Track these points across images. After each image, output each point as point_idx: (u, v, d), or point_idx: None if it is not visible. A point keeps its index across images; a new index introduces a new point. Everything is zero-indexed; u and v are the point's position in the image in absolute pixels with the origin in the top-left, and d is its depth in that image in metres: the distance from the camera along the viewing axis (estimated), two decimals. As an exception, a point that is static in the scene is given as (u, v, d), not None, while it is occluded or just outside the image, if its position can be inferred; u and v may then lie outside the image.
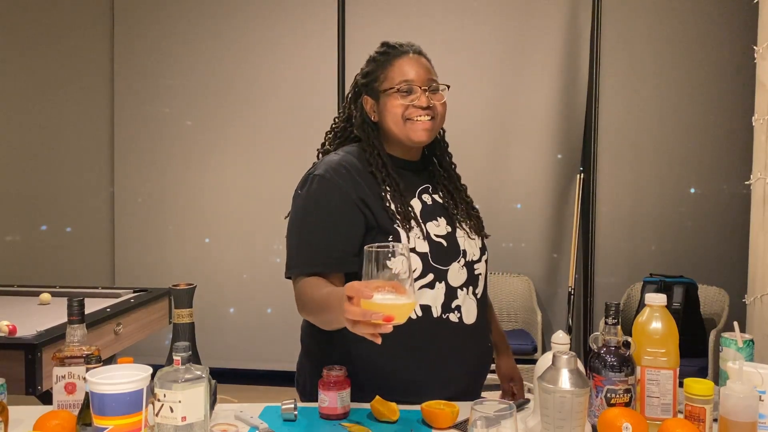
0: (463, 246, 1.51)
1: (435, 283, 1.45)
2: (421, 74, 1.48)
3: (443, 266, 1.46)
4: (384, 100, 1.49)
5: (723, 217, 3.98)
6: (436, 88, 1.50)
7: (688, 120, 4.05)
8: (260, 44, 4.37)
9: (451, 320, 1.47)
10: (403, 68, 1.48)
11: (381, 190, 1.47)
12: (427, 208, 1.52)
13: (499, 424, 1.02)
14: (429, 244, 1.45)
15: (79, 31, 4.51)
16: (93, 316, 2.53)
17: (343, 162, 1.48)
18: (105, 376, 1.11)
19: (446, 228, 1.51)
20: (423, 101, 1.47)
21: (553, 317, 4.21)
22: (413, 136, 1.48)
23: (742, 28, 3.39)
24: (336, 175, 1.45)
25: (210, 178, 4.46)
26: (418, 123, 1.47)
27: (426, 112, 1.48)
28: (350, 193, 1.44)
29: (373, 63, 1.54)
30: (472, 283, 1.52)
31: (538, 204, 4.21)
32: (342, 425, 1.34)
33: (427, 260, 1.44)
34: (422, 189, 1.55)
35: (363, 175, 1.48)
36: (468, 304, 1.50)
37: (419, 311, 1.44)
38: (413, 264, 1.42)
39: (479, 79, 4.19)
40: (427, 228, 1.48)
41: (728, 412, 1.19)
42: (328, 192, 1.44)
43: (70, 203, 4.57)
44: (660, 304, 1.33)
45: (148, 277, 4.25)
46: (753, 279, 2.27)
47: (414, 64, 1.49)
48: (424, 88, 1.48)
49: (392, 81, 1.48)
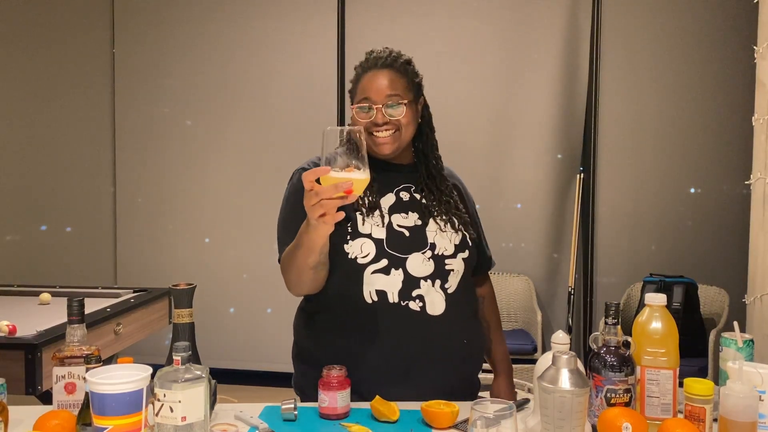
0: (432, 239, 1.56)
1: (390, 269, 1.51)
2: (381, 91, 1.53)
3: (401, 254, 1.52)
4: (353, 114, 1.58)
5: (723, 217, 3.98)
6: (394, 104, 1.53)
7: (688, 120, 4.05)
8: (260, 44, 4.38)
9: (411, 308, 1.50)
10: (365, 85, 1.55)
11: None
12: (400, 202, 1.59)
13: (499, 424, 1.03)
14: (387, 232, 1.53)
15: (79, 31, 4.51)
16: (93, 316, 2.53)
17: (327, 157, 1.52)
18: (105, 376, 1.11)
19: (416, 221, 1.57)
20: (378, 118, 1.53)
21: (553, 317, 4.21)
22: (375, 149, 1.55)
23: (742, 28, 3.39)
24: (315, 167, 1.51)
25: (210, 178, 4.46)
26: (377, 138, 1.54)
27: (384, 127, 1.53)
28: None
29: (354, 73, 1.62)
30: (440, 277, 1.54)
31: (538, 204, 4.21)
32: (342, 425, 1.34)
33: (382, 246, 1.52)
34: (403, 187, 1.62)
35: None
36: (433, 296, 1.52)
37: (375, 296, 1.50)
38: (366, 248, 1.51)
39: (479, 79, 4.20)
40: (392, 218, 1.56)
41: (728, 412, 1.19)
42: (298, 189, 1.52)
43: (70, 203, 4.57)
44: (660, 304, 1.33)
45: (148, 277, 4.25)
46: (753, 279, 2.27)
47: (376, 80, 1.54)
48: (378, 106, 1.52)
49: (357, 96, 1.57)
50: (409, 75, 1.58)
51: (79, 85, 4.52)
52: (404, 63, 1.59)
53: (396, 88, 1.54)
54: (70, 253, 4.54)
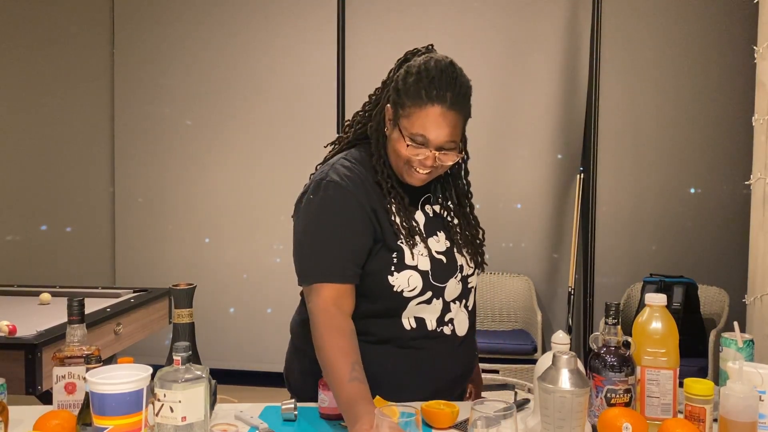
0: (460, 262, 1.51)
1: (432, 299, 1.45)
2: (441, 137, 1.37)
3: (441, 284, 1.46)
4: (397, 133, 1.40)
5: (723, 217, 3.98)
6: (448, 150, 1.40)
7: (688, 120, 4.06)
8: (260, 44, 4.38)
9: (445, 333, 1.48)
10: (426, 122, 1.36)
11: (387, 202, 1.44)
12: (429, 221, 1.50)
13: (499, 424, 1.03)
14: (431, 262, 1.44)
15: (79, 31, 4.51)
16: (93, 316, 2.52)
17: (355, 170, 1.45)
18: (105, 376, 1.11)
19: (445, 243, 1.50)
20: (428, 162, 1.39)
21: (553, 317, 4.21)
22: (407, 179, 1.44)
23: (742, 28, 3.40)
24: (350, 182, 1.42)
25: (210, 178, 4.46)
26: (417, 174, 1.42)
27: (428, 168, 1.41)
28: (364, 203, 1.41)
29: (412, 88, 1.38)
30: (465, 296, 1.52)
31: (538, 204, 4.21)
32: (342, 425, 1.34)
33: (428, 278, 1.43)
34: (424, 200, 1.52)
35: (371, 185, 1.45)
36: (460, 317, 1.51)
37: (413, 323, 1.44)
38: (414, 282, 1.41)
39: (479, 79, 4.14)
40: (429, 244, 1.46)
41: (728, 412, 1.19)
42: (344, 199, 1.40)
43: (70, 203, 4.57)
44: (660, 304, 1.33)
45: (148, 277, 4.26)
46: (753, 279, 2.27)
47: (439, 123, 1.36)
48: (434, 151, 1.38)
49: (411, 125, 1.37)
50: (467, 113, 1.43)
51: (78, 84, 4.52)
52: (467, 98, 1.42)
53: (456, 135, 1.39)
54: (70, 253, 4.54)
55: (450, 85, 1.37)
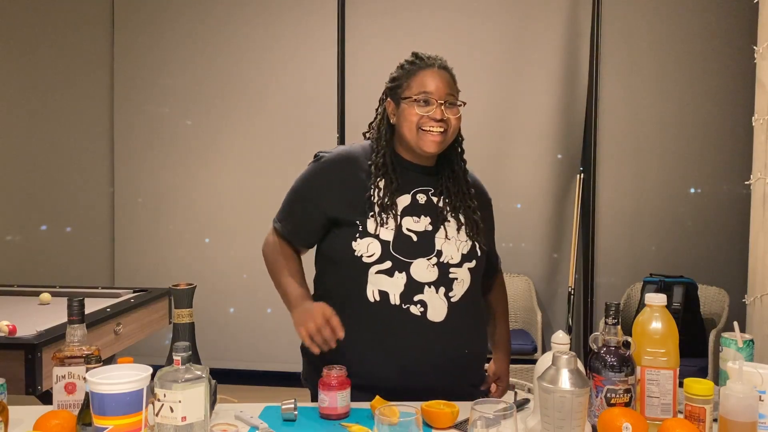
0: (439, 246, 1.55)
1: (394, 271, 1.52)
2: (441, 88, 1.56)
3: (405, 258, 1.52)
4: (403, 107, 1.58)
5: (723, 217, 3.98)
6: (453, 102, 1.58)
7: (688, 120, 4.05)
8: (260, 44, 4.38)
9: (412, 312, 1.51)
10: (425, 80, 1.56)
11: (372, 183, 1.57)
12: (415, 205, 1.59)
13: (499, 424, 1.03)
14: (395, 234, 1.53)
15: (79, 31, 4.51)
16: (93, 316, 2.52)
17: (348, 152, 1.64)
18: (105, 376, 1.11)
19: (426, 226, 1.57)
20: (437, 114, 1.54)
21: (553, 317, 4.21)
22: (423, 146, 1.56)
23: (742, 28, 3.39)
24: (331, 163, 1.62)
25: (210, 178, 4.46)
26: (429, 134, 1.55)
27: (439, 124, 1.54)
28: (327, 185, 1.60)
29: (401, 70, 1.62)
30: (445, 285, 1.54)
31: (538, 204, 4.21)
32: (342, 425, 1.34)
33: (387, 248, 1.52)
34: (421, 189, 1.61)
35: (359, 168, 1.60)
36: (436, 303, 1.52)
37: (377, 296, 1.52)
38: (372, 248, 1.53)
39: (479, 79, 4.19)
40: (403, 221, 1.55)
41: (728, 412, 1.19)
42: (314, 176, 1.63)
43: (70, 203, 4.57)
44: (660, 304, 1.33)
45: (148, 277, 4.25)
46: (753, 279, 2.27)
47: (436, 78, 1.56)
48: (440, 102, 1.55)
49: (412, 90, 1.56)
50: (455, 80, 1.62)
51: (78, 85, 4.52)
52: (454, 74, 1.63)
53: (453, 89, 1.59)
54: (70, 253, 4.54)
55: (435, 59, 1.61)
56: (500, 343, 1.80)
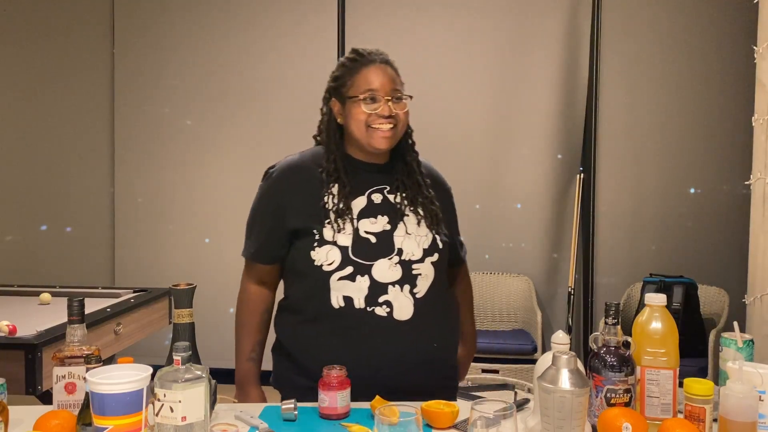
0: (399, 245, 1.55)
1: (355, 276, 1.51)
2: (386, 84, 1.55)
3: (366, 261, 1.52)
4: (349, 106, 1.57)
5: (723, 217, 3.98)
6: (399, 97, 1.57)
7: (688, 120, 4.05)
8: (260, 44, 4.37)
9: (378, 313, 1.51)
10: (369, 77, 1.56)
11: (325, 190, 1.57)
12: (371, 206, 1.58)
13: (499, 424, 1.03)
14: (353, 239, 1.53)
15: (79, 31, 4.51)
16: (93, 316, 2.52)
17: (297, 162, 1.65)
18: (105, 376, 1.11)
19: (384, 226, 1.56)
20: (385, 110, 1.54)
21: (553, 317, 4.21)
22: (374, 143, 1.56)
23: (742, 28, 3.39)
24: (280, 177, 1.63)
25: (210, 178, 4.46)
26: (379, 131, 1.54)
27: (388, 120, 1.54)
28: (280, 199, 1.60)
29: (343, 68, 1.62)
30: (409, 282, 1.54)
31: (538, 204, 4.21)
32: (342, 425, 1.34)
33: (347, 253, 1.52)
34: (376, 189, 1.61)
35: (311, 177, 1.60)
36: (401, 301, 1.52)
37: (341, 302, 1.52)
38: (332, 256, 1.52)
39: (479, 79, 4.20)
40: (359, 225, 1.55)
41: (728, 412, 1.19)
42: (267, 193, 1.64)
43: (70, 203, 4.57)
44: (660, 304, 1.33)
45: (148, 277, 4.25)
46: (753, 279, 2.27)
47: (379, 74, 1.56)
48: (387, 98, 1.54)
49: (358, 89, 1.56)
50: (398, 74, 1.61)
51: (78, 85, 4.52)
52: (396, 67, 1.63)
53: (398, 83, 1.58)
54: (70, 253, 4.54)
55: (376, 54, 1.61)
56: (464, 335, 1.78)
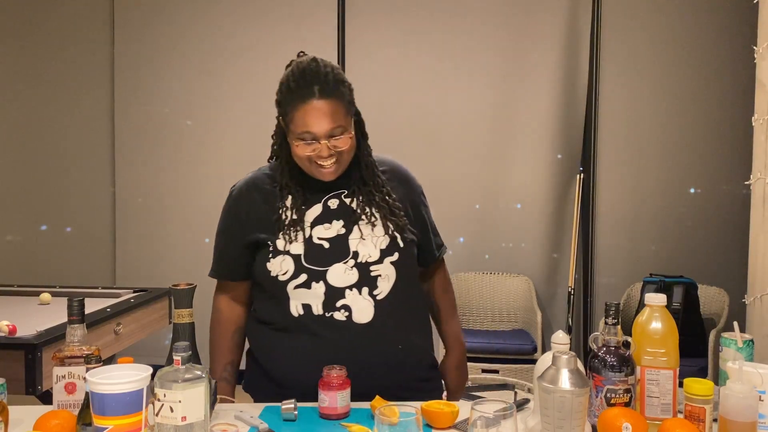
0: (355, 248, 1.53)
1: (311, 282, 1.51)
2: (323, 126, 1.47)
3: (320, 267, 1.51)
4: (290, 139, 1.53)
5: (723, 217, 3.98)
6: (339, 134, 1.49)
7: (688, 120, 4.06)
8: (260, 44, 4.37)
9: (337, 318, 1.50)
10: (306, 120, 1.48)
11: (280, 203, 1.58)
12: (327, 212, 1.57)
13: (499, 424, 1.03)
14: (305, 246, 1.53)
15: (79, 31, 4.51)
16: (93, 316, 2.52)
17: (254, 178, 1.66)
18: (105, 376, 1.11)
19: (339, 230, 1.55)
20: (325, 152, 1.49)
21: (553, 317, 4.21)
22: (319, 176, 1.54)
23: (742, 28, 3.39)
24: (238, 196, 1.64)
25: (210, 178, 4.46)
26: (322, 168, 1.51)
27: (329, 158, 1.50)
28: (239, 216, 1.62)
29: (282, 93, 1.57)
30: (368, 285, 1.52)
31: (538, 204, 4.21)
32: (342, 425, 1.34)
33: (300, 261, 1.52)
34: (333, 195, 1.59)
35: (268, 192, 1.60)
36: (360, 304, 1.51)
37: (301, 309, 1.52)
38: (285, 265, 1.52)
39: (479, 79, 4.19)
40: (313, 232, 1.54)
41: (728, 412, 1.19)
42: (235, 206, 1.64)
43: (70, 203, 4.57)
44: (660, 304, 1.33)
45: (148, 277, 4.25)
46: (753, 279, 2.27)
47: (317, 116, 1.47)
48: (324, 141, 1.48)
49: (296, 126, 1.50)
50: (345, 97, 1.51)
51: (78, 84, 4.52)
52: (338, 83, 1.51)
53: (338, 119, 1.48)
54: (70, 253, 4.54)
55: (314, 78, 1.50)
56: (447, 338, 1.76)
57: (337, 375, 1.40)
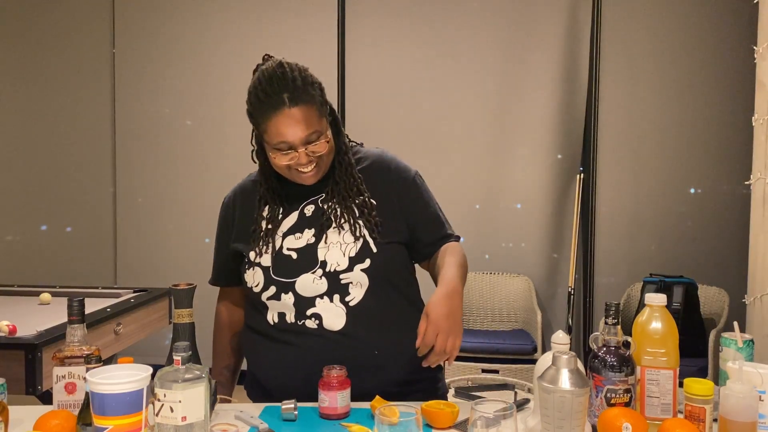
0: (322, 257, 1.49)
1: (280, 294, 1.51)
2: (298, 133, 1.42)
3: (287, 278, 1.50)
4: (267, 149, 1.49)
5: (723, 217, 3.98)
6: (314, 140, 1.44)
7: (688, 120, 4.06)
8: (260, 44, 4.37)
9: (308, 326, 1.49)
10: (279, 129, 1.42)
11: (258, 213, 1.58)
12: (300, 220, 1.55)
13: (499, 424, 1.03)
14: (274, 259, 1.52)
15: (79, 31, 4.51)
16: (93, 316, 2.52)
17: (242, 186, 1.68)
18: (105, 376, 1.11)
19: (309, 239, 1.52)
20: (303, 159, 1.45)
21: (553, 317, 4.21)
22: (300, 182, 1.52)
23: (742, 28, 3.39)
24: (227, 203, 1.67)
25: (210, 178, 4.46)
26: (302, 174, 1.49)
27: (308, 164, 1.46)
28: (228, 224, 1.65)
29: (251, 104, 1.48)
30: (338, 292, 1.48)
31: (538, 204, 4.21)
32: (342, 425, 1.34)
33: (269, 273, 1.52)
34: (311, 200, 1.56)
35: (250, 201, 1.61)
36: (331, 312, 1.48)
37: (276, 317, 1.52)
38: (257, 278, 1.53)
39: (479, 79, 4.20)
40: (284, 242, 1.53)
41: (728, 412, 1.19)
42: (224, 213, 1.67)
43: (70, 203, 4.57)
44: (660, 304, 1.33)
45: (148, 277, 4.25)
46: (753, 279, 2.27)
47: (290, 124, 1.41)
48: (302, 149, 1.44)
49: (271, 137, 1.44)
50: (316, 99, 1.45)
51: (79, 85, 4.52)
52: (307, 87, 1.45)
53: (312, 124, 1.43)
54: (70, 253, 4.54)
55: (281, 85, 1.43)
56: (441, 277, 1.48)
57: (337, 375, 1.39)
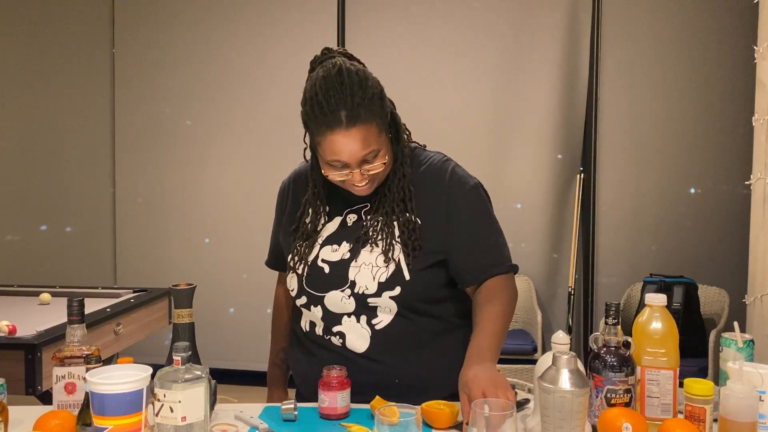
0: (352, 277, 1.44)
1: (310, 305, 1.51)
2: (355, 153, 1.34)
3: (318, 292, 1.48)
4: (321, 161, 1.41)
5: (723, 217, 3.98)
6: (372, 159, 1.37)
7: (688, 120, 4.05)
8: (260, 44, 4.37)
9: (333, 342, 1.48)
10: (335, 147, 1.34)
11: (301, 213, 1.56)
12: (341, 229, 1.50)
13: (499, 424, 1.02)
14: (309, 268, 1.49)
15: (79, 31, 4.51)
16: (93, 316, 2.52)
17: (297, 174, 1.64)
18: (105, 376, 1.11)
19: (344, 254, 1.46)
20: (357, 178, 1.38)
21: (553, 317, 4.21)
22: (355, 193, 1.45)
23: (742, 28, 3.39)
24: (284, 188, 1.66)
25: (210, 178, 4.46)
26: (356, 188, 1.42)
27: (362, 181, 1.39)
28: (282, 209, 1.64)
29: (306, 113, 1.38)
30: (366, 313, 1.44)
31: (538, 204, 4.20)
32: (342, 425, 1.34)
33: (302, 283, 1.51)
34: (355, 208, 1.50)
35: (301, 189, 1.59)
36: (356, 333, 1.45)
37: (308, 326, 1.53)
38: (292, 283, 1.53)
39: (479, 79, 4.19)
40: (321, 252, 1.49)
41: (728, 412, 1.19)
42: (281, 198, 1.66)
43: (70, 203, 4.57)
44: (660, 304, 1.33)
45: (148, 277, 4.25)
46: (753, 279, 2.27)
47: (347, 143, 1.33)
48: (357, 169, 1.37)
49: (325, 153, 1.37)
50: (375, 114, 1.36)
51: (79, 85, 4.52)
52: (366, 101, 1.35)
53: (370, 143, 1.35)
54: (70, 253, 4.54)
55: (339, 101, 1.33)
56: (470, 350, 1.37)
57: (337, 375, 1.39)
